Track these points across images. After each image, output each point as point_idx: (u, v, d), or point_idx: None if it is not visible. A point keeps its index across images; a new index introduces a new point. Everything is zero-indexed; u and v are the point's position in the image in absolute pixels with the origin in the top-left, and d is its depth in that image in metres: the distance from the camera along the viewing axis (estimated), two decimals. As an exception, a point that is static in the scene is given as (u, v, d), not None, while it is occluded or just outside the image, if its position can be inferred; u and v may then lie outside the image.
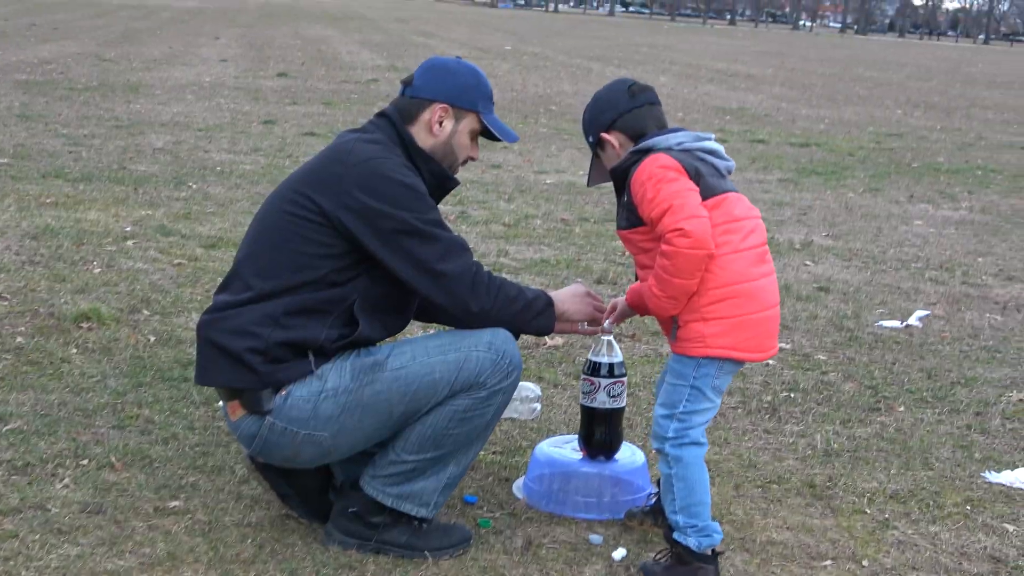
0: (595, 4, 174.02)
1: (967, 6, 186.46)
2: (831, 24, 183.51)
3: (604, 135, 3.51)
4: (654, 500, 3.78)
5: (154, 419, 4.45)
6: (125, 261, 6.83)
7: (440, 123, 3.56)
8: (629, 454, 4.04)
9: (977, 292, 7.52)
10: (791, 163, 13.34)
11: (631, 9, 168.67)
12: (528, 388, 4.64)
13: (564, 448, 4.08)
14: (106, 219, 7.95)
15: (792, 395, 5.22)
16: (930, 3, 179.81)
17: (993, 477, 4.39)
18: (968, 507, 4.13)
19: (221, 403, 3.54)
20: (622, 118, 3.48)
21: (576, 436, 4.09)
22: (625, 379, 3.91)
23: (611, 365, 3.88)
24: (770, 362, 5.66)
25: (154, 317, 5.78)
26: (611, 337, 3.89)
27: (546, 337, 5.73)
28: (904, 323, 6.57)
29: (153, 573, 3.32)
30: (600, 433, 3.93)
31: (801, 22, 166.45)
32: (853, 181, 12.25)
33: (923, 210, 10.72)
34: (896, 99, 25.21)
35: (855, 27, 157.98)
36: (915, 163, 14.09)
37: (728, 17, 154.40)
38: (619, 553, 3.61)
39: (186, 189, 9.32)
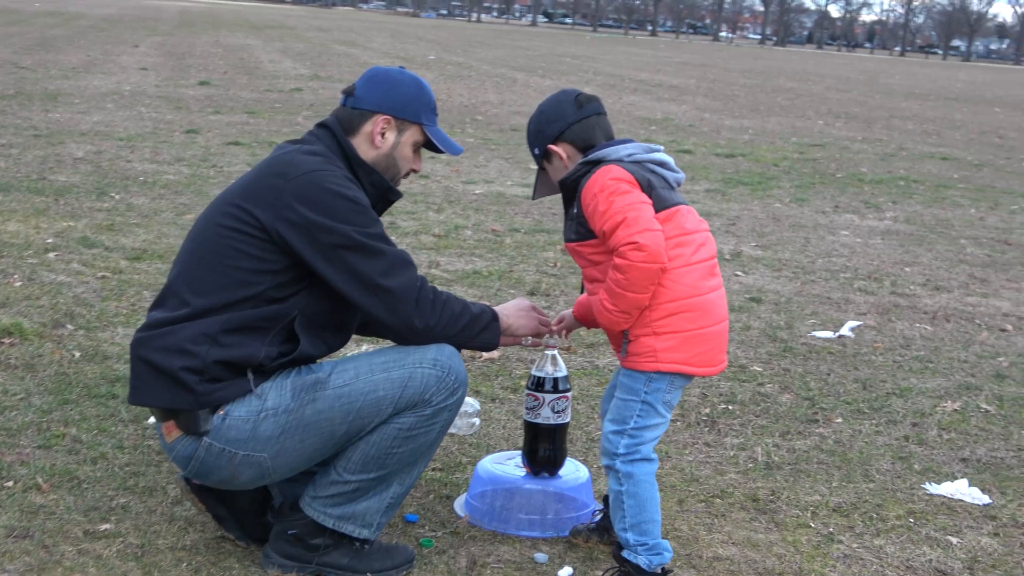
0: (517, 14, 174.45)
1: (884, 19, 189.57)
2: (750, 36, 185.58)
3: (552, 147, 3.44)
4: (599, 517, 3.73)
5: (81, 438, 4.31)
6: (47, 274, 6.65)
7: (382, 135, 3.47)
8: (573, 470, 3.98)
9: (906, 302, 7.57)
10: (717, 173, 13.40)
11: (554, 20, 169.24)
12: (467, 403, 4.57)
13: (507, 464, 4.01)
14: (26, 231, 7.75)
15: (730, 407, 5.19)
16: (847, 15, 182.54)
17: (934, 489, 4.39)
18: (911, 520, 4.12)
19: (152, 420, 3.42)
20: (570, 129, 3.42)
21: (519, 452, 4.03)
22: (569, 394, 3.85)
23: (555, 380, 3.83)
24: (707, 374, 5.63)
25: (79, 332, 5.62)
26: (555, 352, 3.83)
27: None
28: (837, 333, 6.58)
29: (85, 600, 3.20)
30: (544, 449, 3.87)
31: (721, 33, 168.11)
32: (779, 191, 12.32)
33: (849, 220, 10.80)
34: (817, 110, 25.49)
35: (774, 39, 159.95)
36: (839, 173, 14.22)
37: (649, 28, 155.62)
38: (565, 572, 3.54)
39: (109, 200, 9.13)
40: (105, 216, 8.45)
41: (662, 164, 3.40)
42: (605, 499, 3.65)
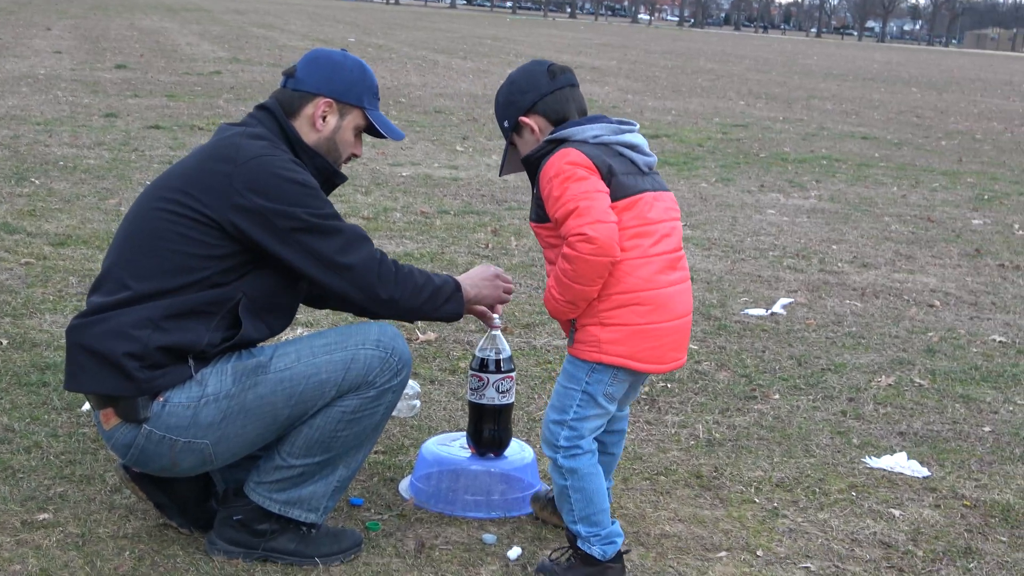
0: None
1: (800, 1, 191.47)
2: (668, 17, 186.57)
3: (523, 119, 3.30)
4: None
5: (14, 427, 4.20)
6: (-31, 261, 6.50)
7: (324, 118, 3.41)
8: (518, 450, 3.95)
9: (835, 279, 7.64)
10: (643, 154, 13.41)
11: (473, 2, 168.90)
12: (407, 385, 4.51)
13: (451, 446, 3.97)
14: (-55, 217, 7.56)
15: (669, 385, 5.20)
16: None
17: (874, 462, 4.43)
18: (853, 493, 4.15)
19: (88, 407, 3.33)
20: (543, 100, 3.29)
21: (463, 433, 4.00)
22: (514, 374, 3.83)
23: (499, 360, 3.80)
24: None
25: (5, 320, 5.49)
26: (498, 332, 3.81)
27: (417, 332, 5.63)
28: (769, 311, 6.63)
29: (26, 592, 3.12)
30: (489, 430, 3.84)
31: (640, 16, 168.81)
32: (705, 171, 12.39)
33: (775, 199, 10.88)
34: (738, 91, 25.67)
35: (691, 20, 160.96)
36: (762, 153, 14.33)
37: (568, 11, 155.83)
38: (514, 552, 3.52)
39: (29, 185, 8.93)
40: (26, 201, 8.27)
41: (631, 146, 3.26)
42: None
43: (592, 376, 3.25)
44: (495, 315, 3.72)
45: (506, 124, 3.37)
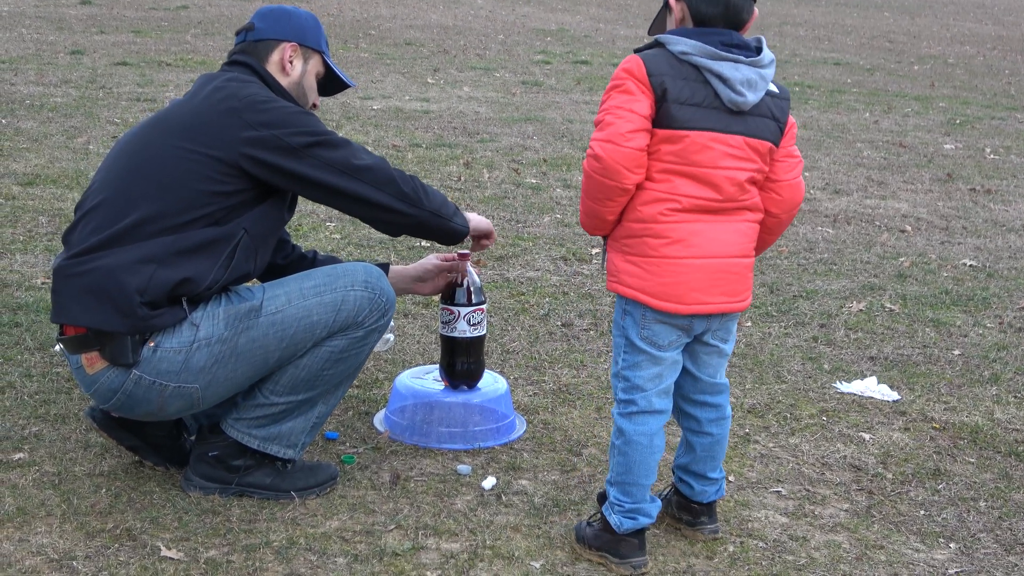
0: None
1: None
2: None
3: (672, 1, 3.04)
4: (669, 491, 3.44)
5: (-14, 368, 4.21)
6: (-63, 202, 6.45)
7: (291, 62, 3.48)
8: (492, 381, 3.98)
9: (808, 206, 7.65)
10: (615, 83, 13.36)
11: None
12: (381, 319, 4.52)
13: (425, 379, 3.99)
14: (-89, 158, 7.49)
15: (642, 315, 5.21)
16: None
17: (844, 387, 4.48)
18: (824, 418, 4.20)
19: (58, 348, 3.31)
20: None
21: (436, 366, 4.01)
22: (485, 306, 3.84)
23: (469, 292, 3.81)
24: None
25: (-25, 260, 5.47)
26: (468, 264, 3.81)
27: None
28: (741, 239, 6.63)
29: (4, 530, 3.13)
30: (462, 363, 3.86)
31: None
32: (677, 100, 12.32)
33: (747, 127, 10.85)
34: (710, 18, 25.47)
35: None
36: (735, 81, 14.26)
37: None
38: (489, 482, 3.55)
39: (-5, 124, 8.85)
40: (-7, 141, 8.19)
41: (723, 79, 2.94)
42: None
43: (626, 319, 3.07)
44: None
45: None
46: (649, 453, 3.10)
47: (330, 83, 3.62)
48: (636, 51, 3.01)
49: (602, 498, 3.22)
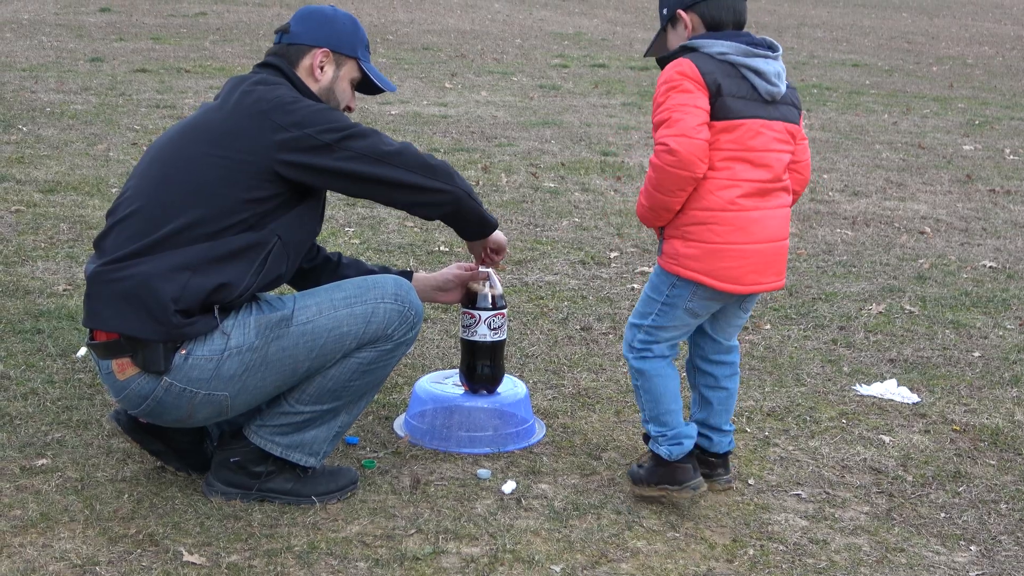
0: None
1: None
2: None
3: (682, 12, 3.33)
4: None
5: (10, 374, 4.23)
6: (-41, 210, 6.49)
7: (322, 68, 3.48)
8: (511, 386, 3.99)
9: (826, 208, 7.65)
10: (633, 87, 13.39)
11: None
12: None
13: (445, 383, 4.00)
14: (-67, 166, 7.54)
15: (661, 318, 5.22)
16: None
17: (864, 390, 4.47)
18: (844, 420, 4.19)
19: (82, 352, 3.32)
20: (705, 2, 3.30)
21: (456, 371, 4.03)
22: (505, 311, 3.86)
23: (491, 297, 3.82)
24: (634, 285, 5.67)
25: (-3, 267, 5.50)
26: (490, 269, 3.82)
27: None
28: (760, 242, 6.63)
29: (27, 536, 3.15)
30: (482, 366, 3.87)
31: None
32: (695, 103, 12.32)
33: (765, 129, 10.84)
34: (727, 20, 25.43)
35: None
36: (753, 83, 14.25)
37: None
38: (509, 486, 3.56)
39: (16, 132, 8.90)
40: (14, 149, 8.24)
41: (758, 72, 3.25)
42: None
43: (673, 291, 3.34)
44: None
45: (664, 11, 3.39)
46: (670, 379, 3.43)
47: (369, 85, 3.61)
48: (661, 59, 3.31)
49: (646, 439, 3.49)
